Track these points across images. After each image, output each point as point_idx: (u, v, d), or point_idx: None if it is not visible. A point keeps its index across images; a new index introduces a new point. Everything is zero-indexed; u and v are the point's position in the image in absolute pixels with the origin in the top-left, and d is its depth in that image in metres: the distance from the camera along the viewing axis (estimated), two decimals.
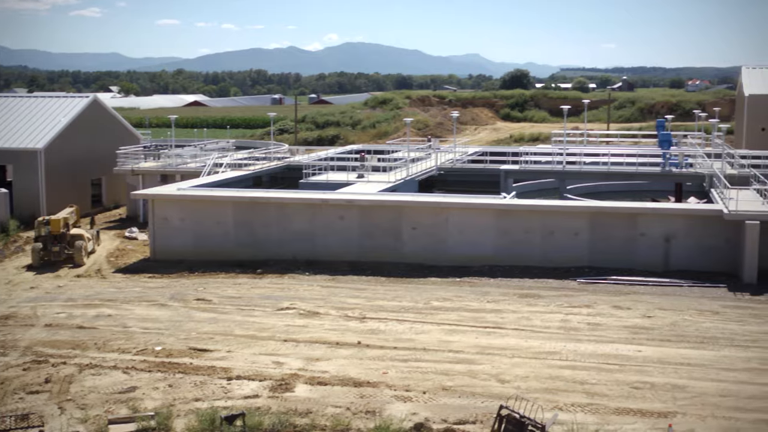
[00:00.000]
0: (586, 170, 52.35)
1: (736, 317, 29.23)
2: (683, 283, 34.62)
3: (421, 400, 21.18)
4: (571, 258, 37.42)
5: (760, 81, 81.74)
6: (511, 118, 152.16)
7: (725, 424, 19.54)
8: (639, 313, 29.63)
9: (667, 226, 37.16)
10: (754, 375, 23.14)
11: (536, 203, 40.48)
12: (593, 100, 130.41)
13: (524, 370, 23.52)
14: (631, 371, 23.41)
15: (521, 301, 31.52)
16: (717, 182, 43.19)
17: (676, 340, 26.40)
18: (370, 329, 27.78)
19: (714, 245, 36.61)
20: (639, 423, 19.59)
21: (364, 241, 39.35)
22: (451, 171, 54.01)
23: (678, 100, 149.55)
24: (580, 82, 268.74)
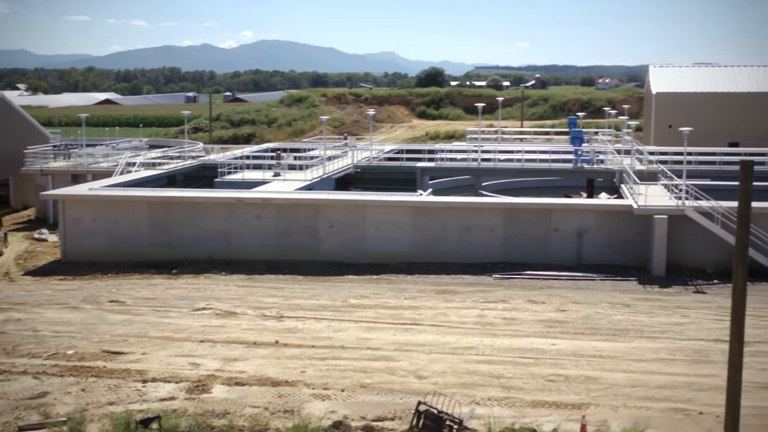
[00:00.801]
0: (500, 167, 53.06)
1: (646, 309, 29.99)
2: (596, 276, 35.39)
3: (339, 398, 21.16)
4: (487, 254, 37.88)
5: (667, 79, 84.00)
6: (427, 115, 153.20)
7: (636, 413, 20.02)
8: (553, 307, 30.16)
9: (580, 222, 37.91)
10: (663, 365, 23.77)
11: (452, 200, 40.84)
12: (507, 98, 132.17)
13: (442, 365, 23.70)
14: (546, 364, 23.80)
15: (438, 298, 31.77)
16: (627, 178, 44.23)
17: (589, 333, 26.95)
18: (287, 328, 27.65)
19: (624, 239, 37.51)
20: (554, 415, 19.92)
21: (281, 239, 39.16)
22: (368, 169, 54.12)
23: (589, 98, 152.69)
24: (494, 80, 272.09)
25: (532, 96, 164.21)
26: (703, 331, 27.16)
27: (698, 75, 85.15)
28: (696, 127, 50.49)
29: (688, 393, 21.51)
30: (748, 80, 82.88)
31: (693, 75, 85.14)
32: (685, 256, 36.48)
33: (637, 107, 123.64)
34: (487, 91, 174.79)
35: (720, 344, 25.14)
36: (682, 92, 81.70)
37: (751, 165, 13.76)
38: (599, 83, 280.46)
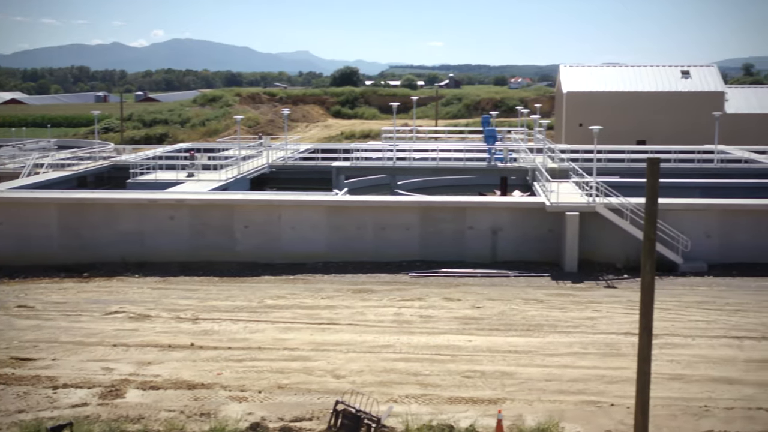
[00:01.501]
0: (416, 166, 53.40)
1: (559, 305, 30.55)
2: (510, 273, 35.89)
3: (256, 400, 21.00)
4: (403, 252, 38.06)
5: (577, 79, 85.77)
6: (342, 115, 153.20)
7: (550, 407, 20.37)
8: (469, 304, 30.47)
9: (494, 219, 38.39)
10: (576, 359, 24.26)
11: (368, 199, 40.92)
12: (422, 97, 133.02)
13: (359, 364, 23.73)
14: (462, 361, 24.03)
15: (355, 297, 31.79)
16: (539, 176, 44.97)
17: (504, 329, 27.31)
18: (203, 330, 27.32)
19: (538, 236, 38.13)
20: (471, 411, 20.13)
21: (196, 240, 38.66)
22: (283, 168, 53.84)
23: (502, 97, 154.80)
24: (408, 80, 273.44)
25: (446, 95, 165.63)
26: (613, 324, 27.80)
27: (607, 75, 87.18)
28: (606, 126, 51.66)
29: (600, 385, 21.99)
30: (655, 80, 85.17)
31: (602, 75, 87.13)
32: (596, 251, 37.27)
33: (549, 106, 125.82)
34: (402, 91, 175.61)
35: (630, 337, 25.77)
36: (591, 91, 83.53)
37: (658, 162, 14.13)
38: (512, 83, 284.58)
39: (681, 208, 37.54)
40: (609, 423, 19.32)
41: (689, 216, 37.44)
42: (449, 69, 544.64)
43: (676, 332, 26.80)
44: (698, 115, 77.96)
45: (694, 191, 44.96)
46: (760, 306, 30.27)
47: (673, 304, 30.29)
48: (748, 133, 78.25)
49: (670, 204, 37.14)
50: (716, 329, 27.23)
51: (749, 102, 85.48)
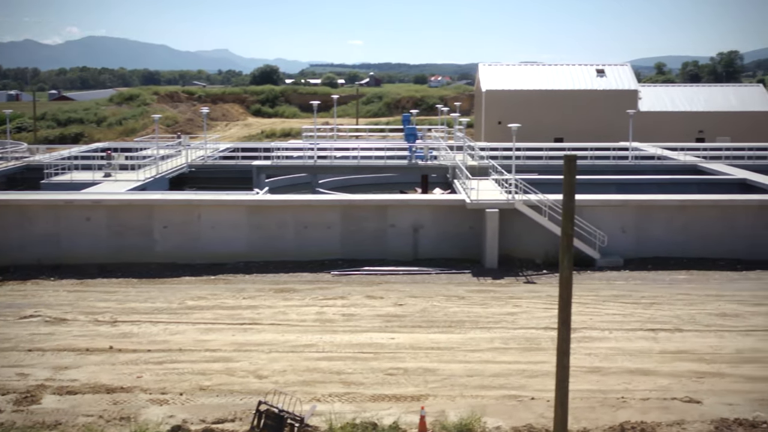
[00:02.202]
0: (337, 164, 53.36)
1: (480, 301, 30.87)
2: (431, 270, 36.13)
3: (178, 402, 20.72)
4: (325, 251, 38.01)
5: (496, 77, 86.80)
6: (262, 113, 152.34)
7: (473, 402, 20.57)
8: (391, 302, 30.57)
9: (415, 217, 38.60)
10: (497, 354, 24.54)
11: (289, 198, 40.74)
12: (342, 96, 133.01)
13: (282, 364, 23.60)
14: (385, 358, 24.10)
15: (277, 296, 31.61)
16: (459, 173, 45.38)
17: (427, 326, 27.48)
18: (122, 333, 26.83)
19: (458, 233, 38.47)
20: (394, 408, 20.20)
21: (114, 241, 37.94)
22: (203, 168, 53.23)
23: (422, 96, 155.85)
24: (329, 78, 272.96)
25: (366, 94, 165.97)
26: (533, 319, 28.21)
27: (525, 73, 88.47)
28: (524, 124, 52.45)
29: (521, 380, 22.29)
30: (571, 78, 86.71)
31: (520, 73, 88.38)
32: (516, 248, 37.79)
33: (468, 104, 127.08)
34: (323, 89, 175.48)
35: (550, 331, 26.18)
36: (510, 90, 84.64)
37: (575, 159, 14.37)
38: (432, 81, 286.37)
39: (597, 204, 38.32)
40: (530, 416, 19.60)
41: (605, 212, 38.24)
42: (370, 67, 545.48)
43: (593, 326, 27.33)
44: (613, 113, 79.65)
45: (610, 187, 45.94)
46: (674, 299, 31.09)
47: (591, 299, 30.88)
48: (660, 130, 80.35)
49: (586, 200, 37.88)
50: (632, 322, 27.86)
51: (661, 100, 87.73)
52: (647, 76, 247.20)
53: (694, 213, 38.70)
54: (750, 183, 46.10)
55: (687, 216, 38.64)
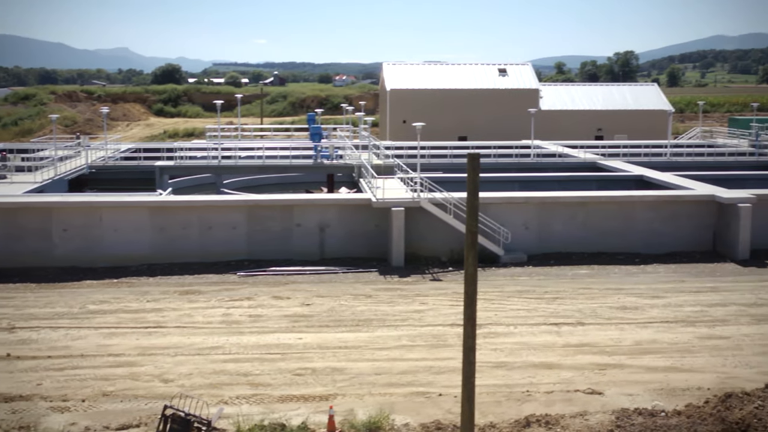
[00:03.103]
0: (241, 164, 52.83)
1: (387, 299, 31.01)
2: (338, 269, 36.12)
3: (80, 409, 20.21)
4: (231, 252, 37.62)
5: (400, 76, 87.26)
6: (165, 113, 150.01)
7: (381, 400, 20.66)
8: (298, 302, 30.45)
9: (322, 216, 38.54)
10: (404, 351, 24.70)
11: (193, 199, 40.17)
12: (246, 95, 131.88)
13: (188, 367, 23.27)
14: (293, 359, 24.00)
15: (182, 298, 31.14)
16: (365, 172, 45.49)
17: (334, 325, 27.47)
18: (20, 339, 26.02)
19: (365, 232, 38.57)
20: (302, 408, 20.14)
21: (10, 245, 36.75)
22: (104, 169, 52.00)
23: (327, 95, 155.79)
24: (232, 77, 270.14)
25: (271, 93, 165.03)
26: (440, 316, 28.48)
27: (429, 73, 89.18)
28: (428, 122, 52.82)
29: (429, 376, 22.49)
30: (474, 78, 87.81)
31: (424, 73, 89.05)
32: (422, 245, 38.07)
33: (373, 103, 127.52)
34: (226, 88, 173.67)
35: (456, 328, 26.48)
36: (414, 89, 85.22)
37: (478, 157, 14.55)
38: (336, 80, 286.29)
39: (501, 202, 38.91)
40: (438, 412, 19.77)
41: (509, 209, 38.86)
42: (274, 66, 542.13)
43: (499, 321, 27.75)
44: (515, 112, 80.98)
45: (513, 185, 46.71)
46: (576, 293, 31.80)
47: (496, 294, 31.34)
48: (561, 128, 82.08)
49: (490, 198, 38.43)
50: (536, 317, 28.39)
51: (562, 99, 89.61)
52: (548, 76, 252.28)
53: (593, 209, 39.68)
54: (647, 179, 47.48)
55: (587, 212, 39.59)
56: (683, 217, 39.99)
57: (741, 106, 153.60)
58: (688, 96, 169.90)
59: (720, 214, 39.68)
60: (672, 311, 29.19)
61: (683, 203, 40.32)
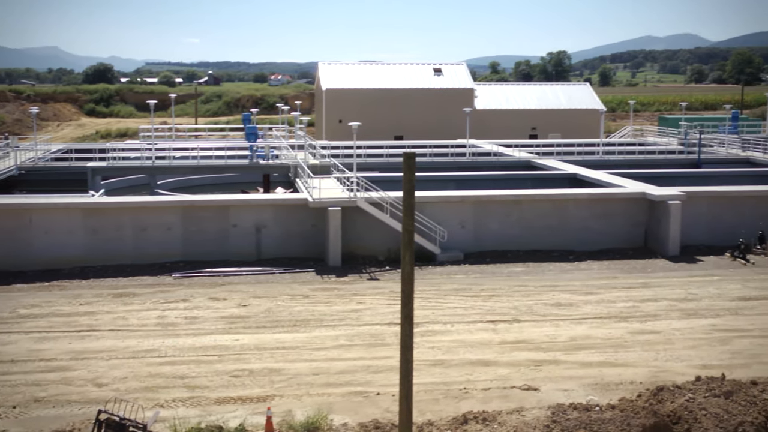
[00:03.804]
0: (176, 165, 52.22)
1: (324, 299, 30.95)
2: (275, 270, 35.94)
3: (11, 416, 19.78)
4: (166, 253, 37.16)
5: (336, 76, 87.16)
6: (97, 113, 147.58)
7: (319, 400, 20.62)
8: (235, 303, 30.22)
9: (258, 217, 38.30)
10: (342, 351, 24.69)
11: (126, 200, 39.60)
12: (180, 95, 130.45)
13: (122, 371, 22.93)
14: (230, 360, 23.81)
15: (116, 301, 30.67)
16: (301, 172, 45.33)
17: (272, 326, 27.33)
18: None
19: (302, 232, 38.44)
20: (240, 410, 19.99)
21: None
22: (34, 170, 50.93)
23: (262, 94, 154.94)
24: (166, 77, 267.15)
25: (205, 93, 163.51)
26: (377, 315, 28.53)
27: (365, 72, 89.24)
28: (364, 122, 52.89)
29: (367, 376, 22.51)
30: (410, 77, 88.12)
31: (360, 72, 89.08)
32: (360, 245, 38.09)
33: (309, 103, 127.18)
34: (160, 88, 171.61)
35: (393, 327, 26.54)
36: (350, 88, 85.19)
37: (413, 157, 14.60)
38: (272, 80, 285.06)
39: (437, 201, 39.13)
40: (376, 412, 19.80)
41: (445, 208, 39.10)
42: (208, 66, 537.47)
43: (436, 320, 27.90)
44: (451, 111, 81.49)
45: (449, 184, 47.00)
46: (512, 290, 32.13)
47: (433, 293, 31.50)
48: (496, 127, 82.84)
49: (427, 197, 38.62)
50: (473, 315, 28.62)
51: (497, 98, 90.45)
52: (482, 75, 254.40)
53: (528, 207, 40.13)
54: (580, 177, 48.18)
55: (522, 210, 40.03)
56: (615, 215, 40.69)
57: (670, 105, 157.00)
58: (620, 95, 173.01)
59: (651, 211, 40.46)
60: (605, 307, 29.68)
61: (615, 201, 41.02)
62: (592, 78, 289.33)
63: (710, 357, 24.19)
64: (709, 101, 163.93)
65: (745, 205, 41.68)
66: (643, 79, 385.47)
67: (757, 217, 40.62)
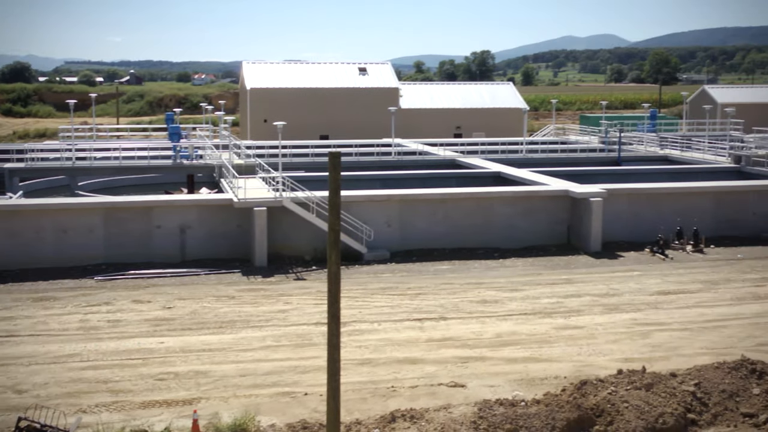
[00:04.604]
0: (97, 166, 51.31)
1: (251, 300, 30.73)
2: (200, 271, 35.55)
3: None
4: (88, 256, 36.45)
5: (260, 75, 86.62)
6: (14, 113, 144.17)
7: (246, 401, 20.47)
8: (159, 305, 29.80)
9: (182, 217, 37.83)
10: (269, 352, 24.54)
11: (45, 202, 38.75)
12: (101, 94, 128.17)
13: (43, 377, 22.41)
14: (154, 364, 23.47)
15: (36, 306, 29.95)
16: (226, 172, 44.94)
17: (197, 328, 27.02)
18: None
19: (227, 233, 38.09)
20: (165, 413, 19.73)
21: None
22: None
23: (186, 94, 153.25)
24: (86, 76, 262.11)
25: (127, 92, 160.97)
26: (305, 315, 28.44)
27: (290, 71, 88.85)
28: (290, 121, 52.71)
29: (294, 376, 22.43)
30: (335, 77, 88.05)
31: (285, 71, 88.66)
32: (286, 245, 37.91)
33: (234, 102, 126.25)
34: (80, 87, 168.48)
35: (321, 327, 26.48)
36: (275, 88, 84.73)
37: (339, 156, 14.58)
38: (195, 79, 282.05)
39: (363, 200, 39.17)
40: (304, 412, 19.75)
41: (371, 207, 39.16)
42: (130, 65, 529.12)
43: (363, 319, 27.94)
44: (376, 111, 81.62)
45: (375, 183, 47.08)
46: (438, 288, 32.35)
47: (360, 292, 31.53)
48: (421, 126, 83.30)
49: (353, 196, 38.63)
50: (400, 313, 28.73)
51: (422, 98, 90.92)
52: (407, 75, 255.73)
53: (453, 206, 40.45)
54: (504, 175, 48.74)
55: (447, 208, 40.33)
56: (539, 212, 41.28)
57: (591, 104, 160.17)
58: (542, 94, 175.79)
59: (573, 208, 41.16)
60: (530, 303, 30.09)
61: (539, 199, 41.62)
62: (515, 77, 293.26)
63: (631, 350, 24.72)
64: (629, 100, 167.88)
65: (663, 201, 42.72)
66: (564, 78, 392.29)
67: (675, 213, 41.67)
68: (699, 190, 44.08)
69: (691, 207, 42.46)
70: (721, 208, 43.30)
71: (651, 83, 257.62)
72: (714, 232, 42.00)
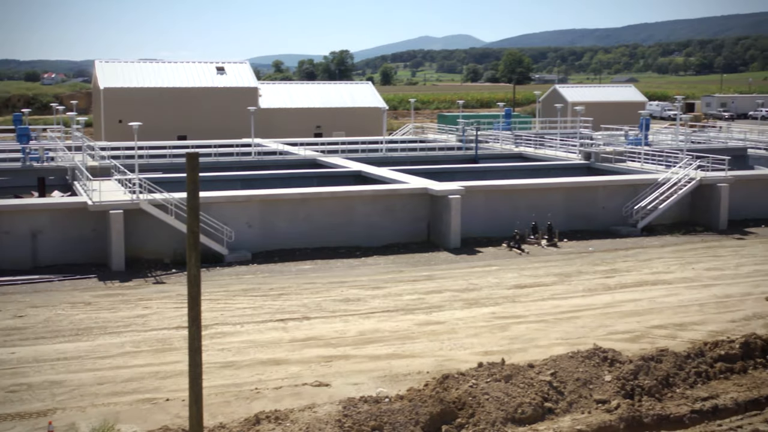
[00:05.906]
0: None
1: (108, 305, 29.87)
2: (54, 277, 34.31)
3: None
4: None
5: (114, 74, 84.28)
6: None
7: (105, 410, 19.89)
8: (10, 314, 28.58)
9: (33, 222, 36.40)
10: (128, 358, 23.93)
11: None
12: None
13: None
14: (5, 375, 22.50)
15: None
16: (80, 174, 43.53)
17: (51, 336, 26.06)
18: None
19: (82, 237, 36.89)
20: (19, 426, 18.97)
21: None
22: None
23: (35, 94, 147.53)
24: None
25: None
26: (165, 320, 27.86)
27: (145, 71, 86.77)
28: (146, 122, 51.51)
29: (155, 382, 21.95)
30: (192, 76, 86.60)
31: (140, 71, 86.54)
32: (145, 248, 37.04)
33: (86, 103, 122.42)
34: None
35: (182, 331, 26.00)
36: (130, 87, 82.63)
37: (197, 156, 14.35)
38: (45, 78, 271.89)
39: (223, 201, 38.68)
40: (165, 418, 19.36)
41: (231, 208, 38.71)
42: None
43: (225, 321, 27.60)
44: (235, 110, 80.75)
45: (235, 183, 46.56)
46: (301, 288, 32.30)
47: (221, 294, 31.14)
48: (281, 126, 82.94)
49: (212, 197, 38.09)
50: (263, 314, 28.53)
51: (281, 97, 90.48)
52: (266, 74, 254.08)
53: (315, 205, 40.45)
54: (365, 174, 49.08)
55: (309, 208, 40.29)
56: (399, 210, 41.78)
57: (449, 103, 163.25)
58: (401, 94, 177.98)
59: (433, 205, 41.85)
60: (392, 300, 30.43)
61: (399, 197, 42.12)
62: (374, 77, 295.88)
63: (491, 343, 25.35)
64: (485, 99, 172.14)
65: (519, 197, 44.00)
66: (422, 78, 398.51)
67: (530, 209, 42.98)
68: (552, 186, 45.66)
69: (545, 202, 43.90)
70: (572, 203, 44.95)
71: (505, 83, 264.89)
72: (567, 226, 43.57)
